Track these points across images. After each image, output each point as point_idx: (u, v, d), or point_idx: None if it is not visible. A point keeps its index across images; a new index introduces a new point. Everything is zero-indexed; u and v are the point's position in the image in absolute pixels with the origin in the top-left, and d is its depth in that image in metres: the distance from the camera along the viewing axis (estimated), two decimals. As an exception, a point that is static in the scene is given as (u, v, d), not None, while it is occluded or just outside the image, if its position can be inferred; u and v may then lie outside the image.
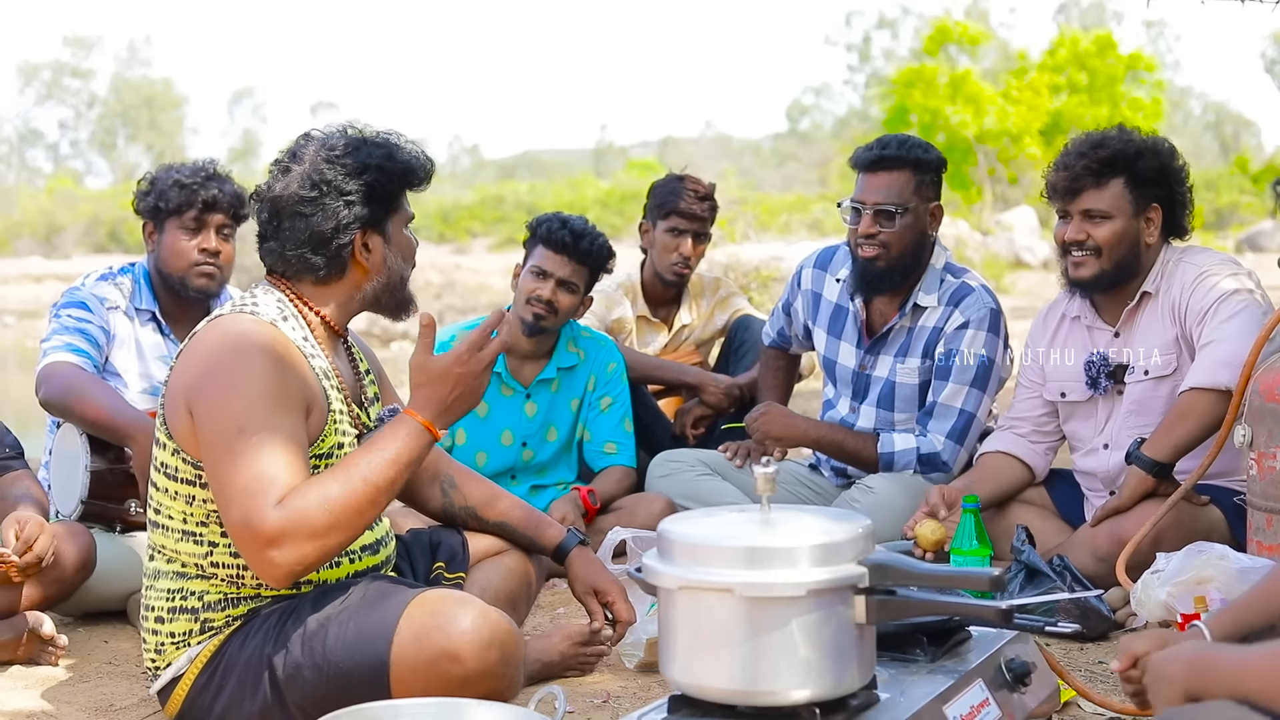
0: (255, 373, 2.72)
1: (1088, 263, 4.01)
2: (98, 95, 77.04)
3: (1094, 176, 3.97)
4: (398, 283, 3.02)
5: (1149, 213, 3.99)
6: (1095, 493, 4.20)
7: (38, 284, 31.23)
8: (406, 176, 2.98)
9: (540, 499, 4.68)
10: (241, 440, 2.65)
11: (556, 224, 4.62)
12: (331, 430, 2.88)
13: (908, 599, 2.16)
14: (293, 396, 2.77)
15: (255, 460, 2.63)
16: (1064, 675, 2.77)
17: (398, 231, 3.01)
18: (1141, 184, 3.97)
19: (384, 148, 2.97)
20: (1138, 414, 4.03)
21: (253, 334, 2.79)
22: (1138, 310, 4.06)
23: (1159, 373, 3.99)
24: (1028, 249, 25.67)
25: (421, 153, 3.04)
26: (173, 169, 4.28)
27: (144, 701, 3.23)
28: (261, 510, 2.59)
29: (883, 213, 4.33)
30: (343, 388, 2.98)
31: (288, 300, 2.95)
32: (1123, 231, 3.97)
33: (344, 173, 2.90)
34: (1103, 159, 3.97)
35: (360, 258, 2.95)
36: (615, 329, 5.26)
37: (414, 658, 2.69)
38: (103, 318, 4.16)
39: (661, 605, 2.17)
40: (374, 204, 2.93)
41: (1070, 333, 4.23)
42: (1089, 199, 3.98)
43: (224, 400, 2.70)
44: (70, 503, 3.93)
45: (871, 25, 61.79)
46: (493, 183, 62.84)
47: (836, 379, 4.65)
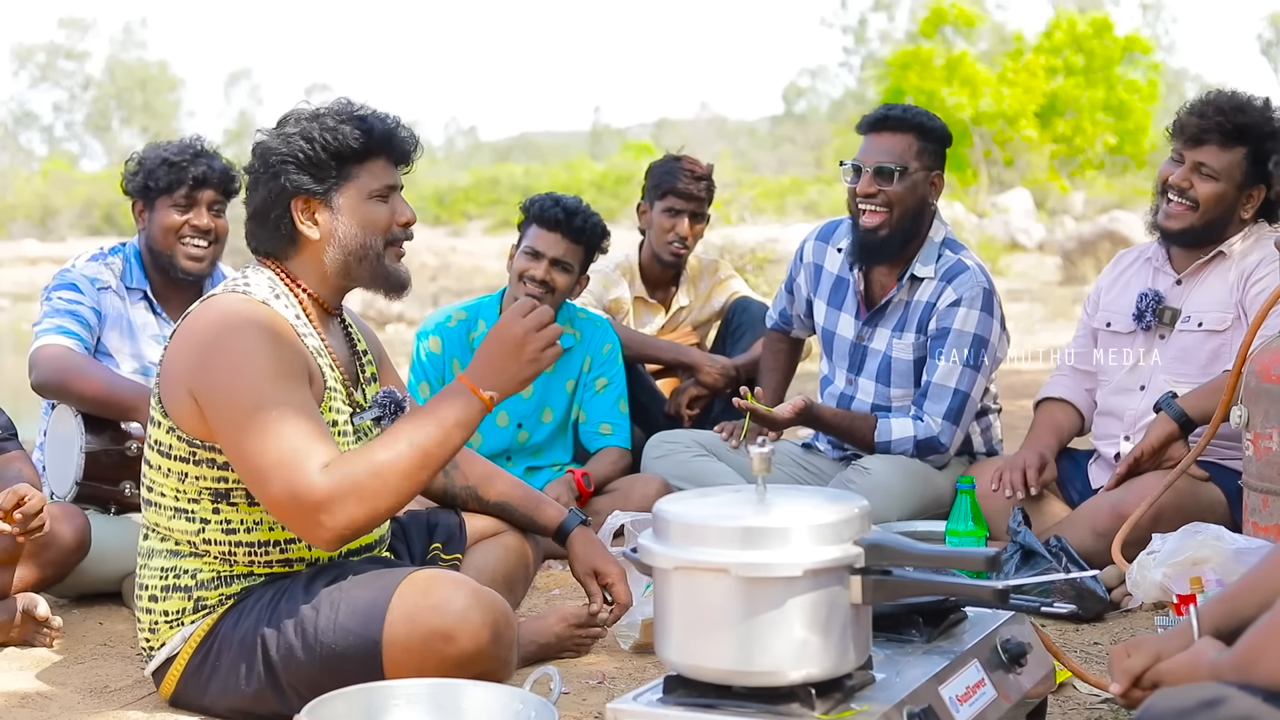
0: (258, 350, 2.73)
1: (1182, 215, 4.06)
2: (93, 77, 76.79)
3: (1222, 135, 4.01)
4: (357, 254, 2.94)
5: (1253, 190, 4.04)
6: (1108, 441, 4.20)
7: (33, 266, 31.13)
8: (354, 143, 2.90)
9: (536, 480, 4.67)
10: (262, 416, 2.66)
11: (549, 203, 4.62)
12: (326, 408, 2.88)
13: (904, 579, 2.16)
14: (297, 370, 2.78)
15: (283, 433, 2.65)
16: (1059, 656, 2.77)
17: (354, 201, 2.92)
18: (1259, 162, 4.01)
19: (332, 117, 2.92)
20: (1181, 362, 4.08)
21: (247, 313, 2.79)
22: (1208, 265, 4.10)
23: (1212, 327, 4.03)
24: (1023, 231, 25.65)
25: (393, 122, 2.98)
26: (160, 147, 4.27)
27: (139, 683, 3.22)
28: (307, 478, 2.62)
29: (882, 171, 4.33)
30: (336, 365, 2.97)
31: (278, 278, 2.95)
32: (1223, 195, 4.02)
33: (278, 143, 2.90)
34: (1238, 124, 4.01)
35: (302, 228, 2.92)
36: (612, 309, 5.26)
37: (407, 638, 2.69)
38: (94, 298, 4.15)
39: (657, 586, 2.17)
40: (305, 173, 2.88)
41: (1137, 272, 4.29)
42: (1208, 154, 4.02)
43: (234, 381, 2.71)
44: (65, 484, 3.92)
45: (867, 7, 61.56)
46: (488, 165, 62.69)
47: (834, 351, 4.63)
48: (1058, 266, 21.24)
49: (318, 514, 2.63)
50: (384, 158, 2.97)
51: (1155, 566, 3.36)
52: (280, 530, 2.87)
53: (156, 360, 4.18)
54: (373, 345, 3.24)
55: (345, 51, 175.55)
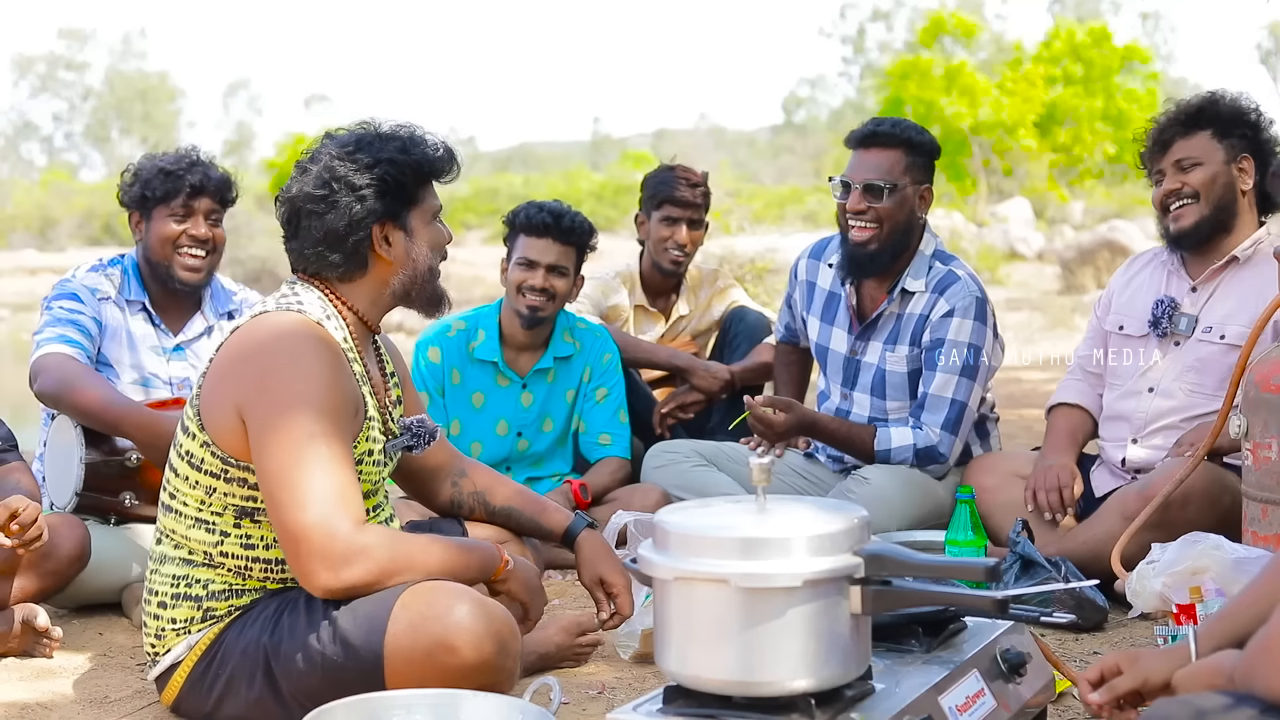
0: (318, 378, 2.75)
1: (1188, 211, 4.08)
2: (92, 88, 76.88)
3: (1181, 127, 4.09)
4: (425, 275, 3.01)
5: (1240, 161, 4.06)
6: (1115, 444, 4.19)
7: (32, 277, 31.14)
8: (423, 168, 2.96)
9: (535, 490, 4.67)
10: (313, 447, 2.69)
11: (534, 209, 4.64)
12: (364, 437, 2.90)
13: (903, 589, 2.16)
14: (348, 406, 2.81)
15: (330, 470, 2.69)
16: (1059, 666, 2.77)
17: (421, 224, 2.99)
18: (1229, 134, 4.06)
19: (398, 141, 2.96)
20: (1199, 373, 4.07)
21: (306, 334, 2.81)
22: (1222, 271, 4.10)
23: (1234, 341, 4.00)
24: (1022, 240, 25.67)
25: (442, 144, 3.03)
26: (155, 158, 4.27)
27: (139, 693, 3.22)
28: (344, 524, 2.67)
29: (871, 188, 4.33)
30: (375, 393, 2.99)
31: (327, 299, 2.96)
32: (1216, 174, 4.06)
33: (355, 168, 2.90)
34: (1188, 111, 4.10)
35: (380, 252, 2.95)
36: (611, 315, 5.27)
37: (409, 649, 2.68)
38: (94, 309, 4.15)
39: (657, 596, 2.17)
40: (388, 197, 2.92)
41: (1152, 275, 4.28)
42: (1179, 149, 4.08)
43: (291, 406, 2.72)
44: (65, 495, 3.92)
45: (866, 17, 61.63)
46: (487, 175, 62.71)
47: (828, 366, 4.64)
48: (1057, 276, 21.24)
49: (337, 560, 2.67)
50: (433, 179, 3.02)
51: (1155, 576, 3.35)
52: None
53: (156, 371, 4.20)
54: (398, 366, 3.24)
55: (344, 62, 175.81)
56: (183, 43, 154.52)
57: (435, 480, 3.35)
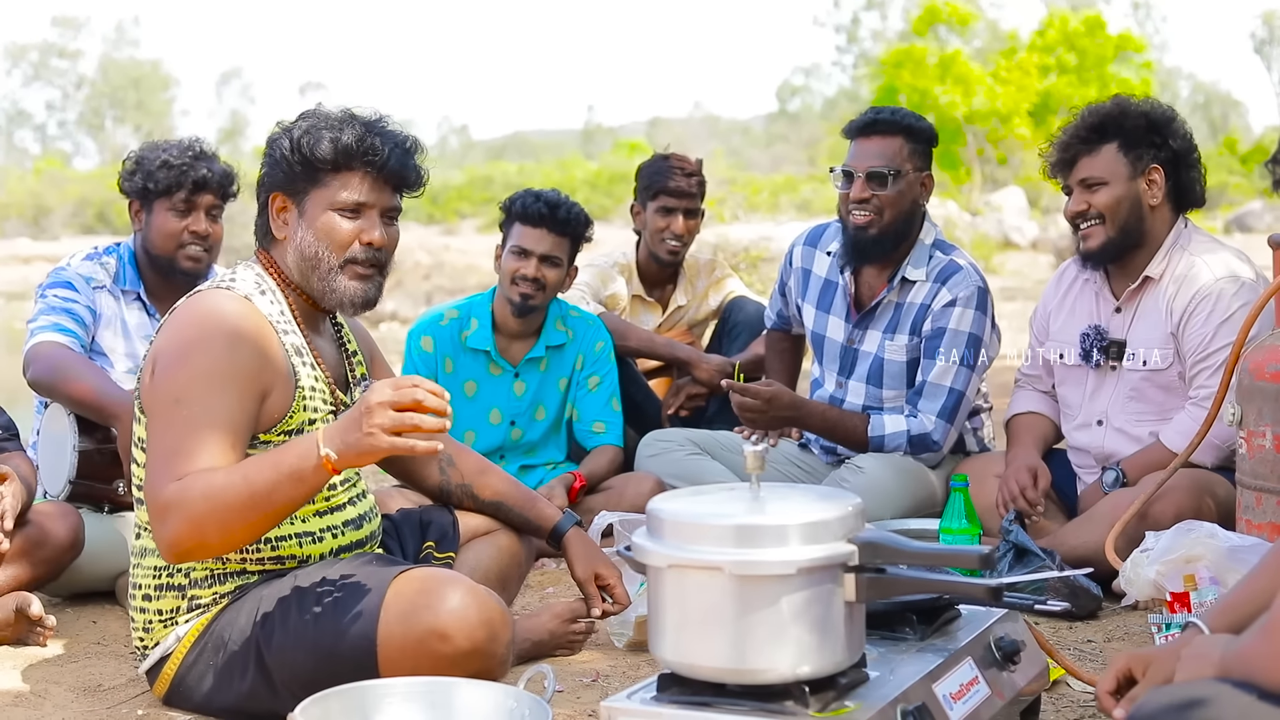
0: (208, 349, 2.74)
1: (1094, 232, 4.03)
2: (86, 76, 76.75)
3: (1085, 144, 4.02)
4: (310, 262, 2.92)
5: (1149, 175, 3.99)
6: (1087, 469, 4.20)
7: (26, 265, 31.07)
8: (340, 154, 2.88)
9: (529, 479, 4.67)
10: (174, 412, 2.69)
11: (531, 199, 4.63)
12: (299, 407, 2.87)
13: (897, 577, 2.16)
14: (243, 378, 2.76)
15: (180, 434, 2.67)
16: (1053, 654, 2.77)
17: (317, 209, 2.91)
18: (1135, 146, 3.98)
19: (338, 123, 2.91)
20: (1139, 400, 4.06)
21: (219, 310, 2.81)
22: (1140, 292, 4.06)
23: (1156, 365, 4.00)
24: (1016, 229, 25.66)
25: (394, 146, 2.92)
26: (159, 147, 4.24)
27: (132, 681, 3.22)
28: (161, 481, 2.65)
29: (875, 176, 4.32)
30: (320, 364, 2.96)
31: (267, 275, 2.96)
32: (1122, 196, 3.98)
33: (284, 136, 2.93)
34: (1091, 125, 4.02)
35: (274, 220, 2.96)
36: (609, 304, 5.26)
37: (402, 636, 2.69)
38: (89, 297, 4.14)
39: (651, 584, 2.17)
40: (291, 169, 2.90)
41: (1080, 296, 4.24)
42: (1084, 167, 4.02)
43: (171, 371, 2.74)
44: (58, 483, 3.92)
45: (860, 6, 61.61)
46: (481, 164, 62.70)
47: (824, 354, 4.63)
48: (1051, 265, 21.26)
49: (156, 520, 2.66)
50: (364, 173, 2.91)
51: (1149, 564, 3.36)
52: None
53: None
54: (364, 344, 3.23)
55: (338, 51, 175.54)
56: (176, 31, 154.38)
57: (421, 462, 3.33)
